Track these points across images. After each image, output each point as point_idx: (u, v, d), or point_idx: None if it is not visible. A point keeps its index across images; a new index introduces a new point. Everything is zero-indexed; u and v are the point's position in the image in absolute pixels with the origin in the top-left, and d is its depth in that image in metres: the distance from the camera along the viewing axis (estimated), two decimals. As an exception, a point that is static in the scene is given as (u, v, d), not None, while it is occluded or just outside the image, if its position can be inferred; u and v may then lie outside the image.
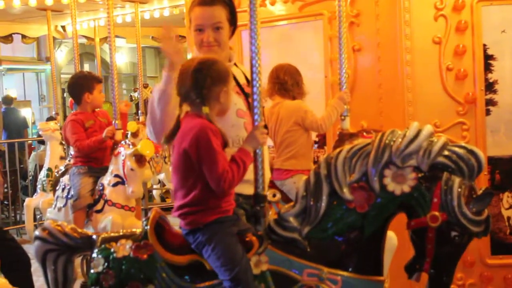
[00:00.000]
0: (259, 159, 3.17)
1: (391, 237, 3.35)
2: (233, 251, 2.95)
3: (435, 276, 2.87)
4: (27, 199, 8.20)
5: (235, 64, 3.59)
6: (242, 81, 3.49)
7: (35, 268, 4.74)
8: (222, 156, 2.93)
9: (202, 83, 2.99)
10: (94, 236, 3.35)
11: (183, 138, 2.99)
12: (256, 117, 3.18)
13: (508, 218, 4.69)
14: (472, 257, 4.63)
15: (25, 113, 14.14)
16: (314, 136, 4.78)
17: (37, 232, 3.40)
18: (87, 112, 5.98)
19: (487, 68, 4.69)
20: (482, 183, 4.35)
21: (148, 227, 3.20)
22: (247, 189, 3.24)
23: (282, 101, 4.57)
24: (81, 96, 5.94)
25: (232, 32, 3.52)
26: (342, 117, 4.28)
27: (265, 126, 3.30)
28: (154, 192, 10.44)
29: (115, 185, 5.53)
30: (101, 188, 5.63)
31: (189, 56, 4.77)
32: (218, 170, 2.89)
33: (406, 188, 2.85)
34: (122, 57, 22.18)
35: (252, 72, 3.19)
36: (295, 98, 4.56)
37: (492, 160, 4.57)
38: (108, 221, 5.43)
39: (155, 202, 9.98)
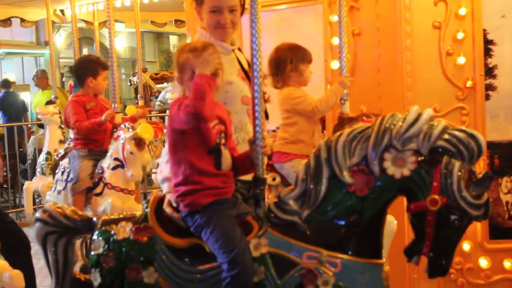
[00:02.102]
0: (258, 143, 3.16)
1: (391, 220, 3.37)
2: (231, 233, 2.97)
3: (434, 259, 2.88)
4: (26, 183, 8.22)
5: (238, 49, 3.59)
6: (246, 66, 3.50)
7: (35, 250, 4.76)
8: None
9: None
10: (94, 219, 3.37)
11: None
12: (256, 101, 3.17)
13: (507, 202, 4.70)
14: (470, 241, 4.64)
15: (24, 97, 14.09)
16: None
17: (37, 214, 3.41)
18: (89, 94, 6.01)
19: (487, 53, 4.68)
20: (481, 167, 4.36)
21: (148, 209, 3.22)
22: (245, 176, 3.26)
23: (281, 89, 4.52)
24: (84, 79, 5.97)
25: (240, 14, 3.54)
26: (342, 101, 4.26)
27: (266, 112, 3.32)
28: (153, 176, 10.42)
29: (114, 168, 5.55)
30: (100, 171, 5.65)
31: (189, 39, 4.75)
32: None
33: (406, 172, 2.85)
34: (121, 41, 22.15)
35: (252, 56, 3.19)
36: (285, 85, 4.43)
37: (491, 145, 4.57)
38: (107, 204, 5.45)
39: (154, 186, 9.99)
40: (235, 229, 3.00)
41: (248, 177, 3.21)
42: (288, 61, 4.32)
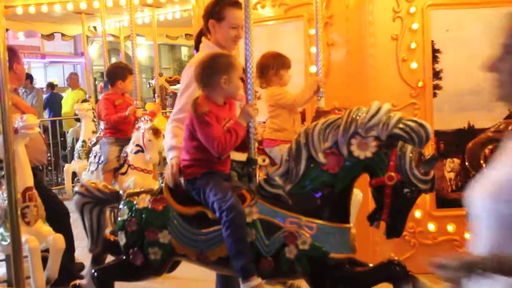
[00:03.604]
0: (251, 131, 3.17)
1: (357, 193, 3.37)
2: (225, 189, 2.99)
3: (391, 223, 2.88)
4: (66, 165, 8.22)
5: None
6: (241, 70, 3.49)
7: (74, 219, 4.77)
8: (213, 125, 2.94)
9: (203, 72, 3.02)
10: (121, 192, 3.37)
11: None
12: (249, 97, 3.18)
13: (450, 179, 4.72)
14: (421, 210, 4.66)
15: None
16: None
17: (76, 188, 3.43)
18: (117, 93, 6.00)
19: (434, 59, 4.69)
20: (429, 151, 4.37)
21: (163, 184, 3.22)
22: (238, 156, 3.26)
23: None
24: (115, 81, 5.97)
25: None
26: (319, 98, 4.26)
27: None
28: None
29: (136, 152, 5.55)
30: (125, 155, 5.66)
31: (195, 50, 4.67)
32: (211, 136, 2.93)
33: (368, 154, 2.85)
34: (142, 52, 22.06)
35: (246, 61, 3.19)
36: (269, 86, 4.41)
37: (437, 133, 4.58)
38: (131, 181, 5.45)
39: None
40: (228, 188, 3.01)
41: (243, 158, 3.22)
42: (271, 67, 4.30)
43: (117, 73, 6.02)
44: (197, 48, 3.62)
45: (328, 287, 2.94)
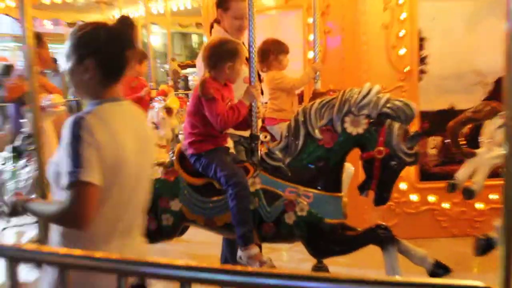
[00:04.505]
0: (254, 110, 3.15)
1: (349, 167, 3.37)
2: (231, 165, 3.00)
3: (378, 193, 2.89)
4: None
5: (243, 43, 3.56)
6: (247, 55, 3.46)
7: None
8: (218, 102, 2.92)
9: (211, 56, 3.00)
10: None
11: (195, 90, 3.03)
12: (252, 79, 3.16)
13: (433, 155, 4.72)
14: (406, 182, 4.67)
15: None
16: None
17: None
18: (133, 76, 5.97)
19: (421, 46, 4.65)
20: (415, 129, 4.36)
21: (174, 157, 3.22)
22: (246, 133, 3.26)
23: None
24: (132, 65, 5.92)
25: None
26: (315, 80, 4.24)
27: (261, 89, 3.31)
28: (180, 137, 10.43)
29: (151, 129, 5.57)
30: (141, 132, 5.67)
31: (205, 38, 4.71)
32: (215, 112, 2.91)
33: (360, 130, 2.86)
34: (156, 39, 21.85)
35: (249, 46, 3.17)
36: (269, 70, 4.36)
37: (422, 113, 4.56)
38: (146, 155, 5.47)
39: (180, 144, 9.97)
40: (232, 164, 3.02)
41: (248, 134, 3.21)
42: (271, 52, 4.27)
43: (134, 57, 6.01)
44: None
45: (323, 248, 2.97)
